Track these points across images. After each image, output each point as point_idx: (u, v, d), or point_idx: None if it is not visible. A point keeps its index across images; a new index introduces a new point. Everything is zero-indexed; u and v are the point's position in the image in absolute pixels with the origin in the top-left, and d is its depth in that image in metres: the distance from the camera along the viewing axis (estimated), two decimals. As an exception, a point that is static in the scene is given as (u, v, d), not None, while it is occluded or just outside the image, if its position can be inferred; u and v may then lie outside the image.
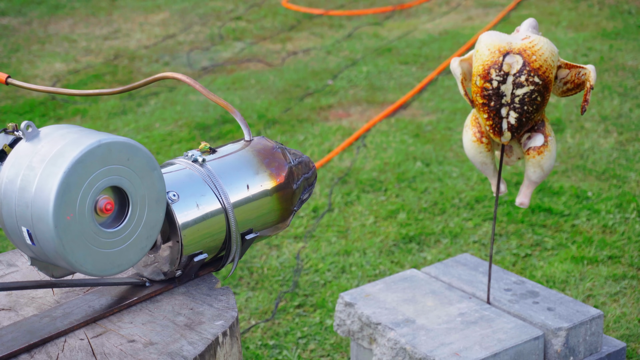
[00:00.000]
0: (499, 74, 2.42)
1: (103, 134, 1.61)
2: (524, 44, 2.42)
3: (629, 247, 3.71)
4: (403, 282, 2.86)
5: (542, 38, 2.44)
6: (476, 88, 2.47)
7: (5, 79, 1.86)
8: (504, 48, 2.43)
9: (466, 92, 2.52)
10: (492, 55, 2.43)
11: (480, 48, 2.47)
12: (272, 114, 5.42)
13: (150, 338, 1.64)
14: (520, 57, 2.41)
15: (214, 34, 7.34)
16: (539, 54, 2.40)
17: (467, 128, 2.60)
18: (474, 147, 2.59)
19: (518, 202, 2.62)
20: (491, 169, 2.64)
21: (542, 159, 2.54)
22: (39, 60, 6.80)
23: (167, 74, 1.87)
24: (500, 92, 2.44)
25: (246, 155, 1.86)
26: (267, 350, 3.19)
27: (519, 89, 2.42)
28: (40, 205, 1.54)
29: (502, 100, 2.45)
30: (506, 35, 2.47)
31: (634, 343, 3.12)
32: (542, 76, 2.41)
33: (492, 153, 2.62)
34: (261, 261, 3.76)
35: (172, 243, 1.75)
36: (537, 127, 2.53)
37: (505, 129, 2.49)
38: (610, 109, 5.17)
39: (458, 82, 2.54)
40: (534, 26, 2.50)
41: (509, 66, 2.42)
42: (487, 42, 2.45)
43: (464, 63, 2.53)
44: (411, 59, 6.37)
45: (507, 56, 2.42)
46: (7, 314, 1.74)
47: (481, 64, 2.44)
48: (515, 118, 2.46)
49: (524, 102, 2.43)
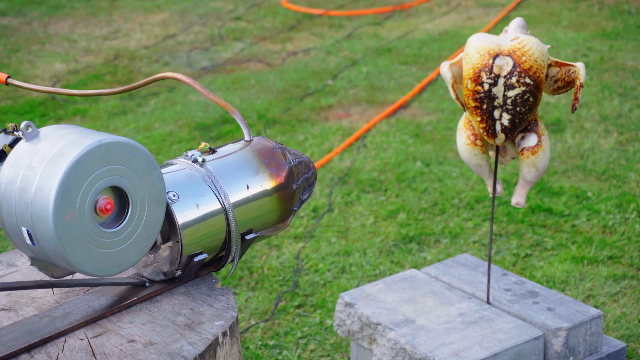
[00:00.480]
0: (490, 77, 2.42)
1: (103, 134, 1.61)
2: (514, 45, 2.42)
3: (629, 247, 3.71)
4: (403, 282, 2.86)
5: (530, 38, 2.43)
6: (468, 91, 2.46)
7: (5, 79, 1.86)
8: (493, 50, 2.42)
9: (457, 96, 2.52)
10: (482, 58, 2.42)
11: (469, 51, 2.46)
12: (272, 114, 5.42)
13: (150, 338, 1.64)
14: (510, 58, 2.41)
15: (214, 34, 7.34)
16: (528, 55, 2.40)
17: (460, 131, 2.60)
18: (469, 150, 2.59)
19: (514, 202, 2.62)
20: (486, 171, 2.64)
21: (537, 158, 2.53)
22: (39, 60, 6.80)
23: (167, 74, 1.87)
24: (492, 95, 2.43)
25: (246, 156, 1.86)
26: (267, 351, 3.19)
27: (511, 90, 2.42)
28: (40, 205, 1.54)
29: (495, 103, 2.44)
30: (495, 37, 2.46)
31: (634, 343, 3.12)
32: (533, 76, 2.41)
33: (487, 155, 2.62)
34: (261, 261, 3.76)
35: (172, 243, 1.75)
36: (530, 127, 2.53)
37: (499, 131, 2.48)
38: (610, 109, 5.17)
39: (449, 87, 2.53)
40: (522, 26, 2.49)
41: (499, 68, 2.42)
42: (476, 44, 2.45)
43: (454, 67, 2.53)
44: (411, 59, 6.37)
45: (497, 58, 2.42)
46: (7, 314, 1.74)
47: (471, 67, 2.44)
48: (509, 120, 2.45)
49: (516, 104, 2.43)
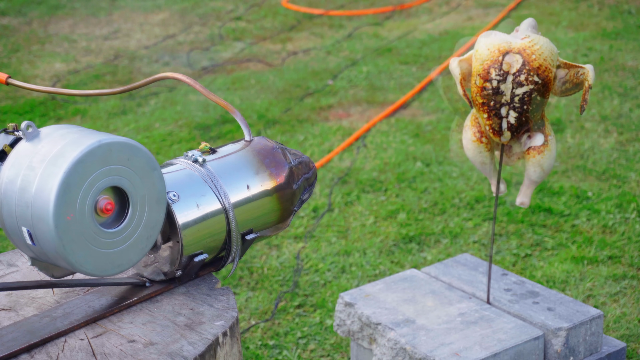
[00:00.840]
0: (499, 74, 2.42)
1: (103, 134, 1.61)
2: (524, 43, 2.43)
3: (629, 247, 3.71)
4: (403, 282, 2.86)
5: (541, 37, 2.44)
6: (476, 88, 2.47)
7: (6, 79, 1.86)
8: (503, 47, 2.43)
9: (465, 92, 2.52)
10: (492, 54, 2.43)
11: (479, 48, 2.47)
12: (272, 114, 5.42)
13: (150, 338, 1.64)
14: (519, 56, 2.41)
15: (214, 34, 7.34)
16: (538, 53, 2.41)
17: (466, 128, 2.60)
18: (474, 147, 2.59)
19: (518, 202, 2.62)
20: (491, 169, 2.64)
21: (543, 158, 2.54)
22: (39, 60, 6.80)
23: (167, 74, 1.87)
24: (500, 92, 2.44)
25: (246, 156, 1.86)
26: (267, 351, 3.19)
27: (519, 88, 2.42)
28: (41, 205, 1.54)
29: (502, 100, 2.45)
30: (506, 35, 2.47)
31: (634, 343, 3.12)
32: (542, 75, 2.41)
33: (492, 153, 2.62)
34: (261, 261, 3.76)
35: (173, 243, 1.75)
36: (537, 126, 2.53)
37: (505, 129, 2.49)
38: (610, 109, 5.17)
39: (457, 82, 2.54)
40: (533, 26, 2.51)
41: (508, 65, 2.42)
42: (487, 41, 2.46)
43: (463, 63, 2.53)
44: (411, 59, 6.37)
45: (506, 55, 2.43)
46: (8, 314, 1.74)
47: (481, 63, 2.44)
48: (515, 117, 2.46)
49: (524, 102, 2.43)
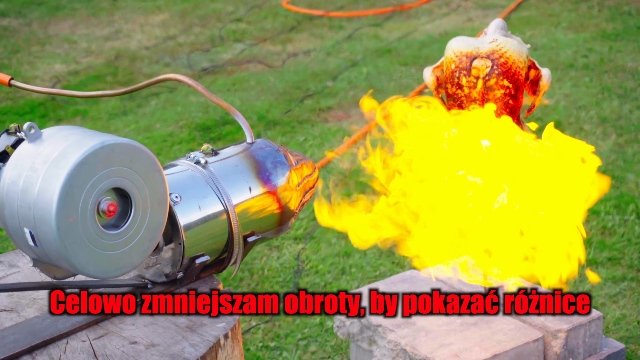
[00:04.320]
0: (469, 80, 2.41)
1: (106, 135, 1.61)
2: (491, 47, 2.40)
3: (629, 249, 3.72)
4: (403, 283, 2.86)
5: (509, 39, 2.42)
6: (448, 94, 2.46)
7: (9, 81, 1.86)
8: (471, 53, 2.41)
9: (442, 100, 2.51)
10: (460, 60, 2.42)
11: (448, 54, 2.45)
12: (273, 115, 5.42)
13: (152, 340, 1.65)
14: (488, 60, 2.40)
15: (214, 35, 7.35)
16: (506, 56, 2.39)
17: None
18: None
19: None
20: None
21: None
22: (39, 61, 6.80)
23: (169, 76, 1.87)
24: (471, 97, 2.43)
25: (248, 158, 1.87)
26: (268, 352, 3.19)
27: (490, 92, 2.41)
28: (43, 206, 1.54)
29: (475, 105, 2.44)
30: (473, 40, 2.45)
31: (633, 344, 3.13)
32: (512, 78, 2.40)
33: None
34: (261, 262, 3.77)
35: (174, 245, 1.75)
36: None
37: None
38: (610, 111, 5.17)
39: (432, 91, 2.53)
40: (502, 27, 2.48)
41: (477, 70, 2.41)
42: (455, 47, 2.44)
43: (437, 70, 2.52)
44: (411, 60, 6.37)
45: (474, 60, 2.41)
46: (9, 315, 1.74)
47: (450, 70, 2.43)
48: None
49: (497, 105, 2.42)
